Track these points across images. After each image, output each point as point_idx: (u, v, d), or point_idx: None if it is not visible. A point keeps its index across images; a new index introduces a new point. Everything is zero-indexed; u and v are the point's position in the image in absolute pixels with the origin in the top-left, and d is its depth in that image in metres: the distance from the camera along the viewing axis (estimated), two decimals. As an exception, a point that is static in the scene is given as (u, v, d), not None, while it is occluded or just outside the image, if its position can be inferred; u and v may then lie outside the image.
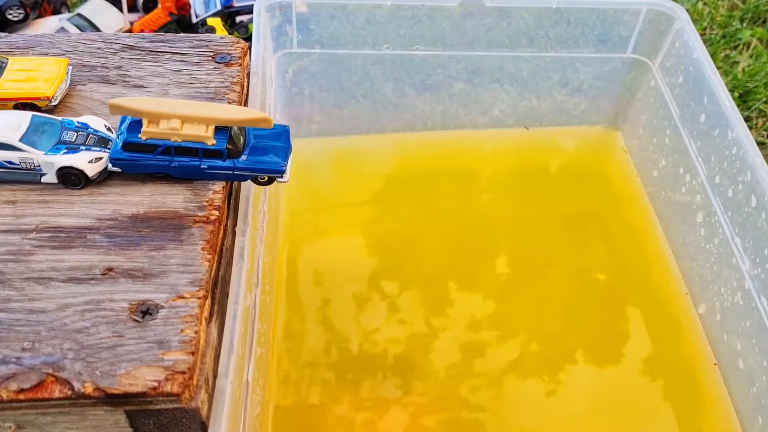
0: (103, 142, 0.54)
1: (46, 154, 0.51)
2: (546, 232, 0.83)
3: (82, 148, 0.52)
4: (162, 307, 0.46)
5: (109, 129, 0.55)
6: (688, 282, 0.79)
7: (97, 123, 0.55)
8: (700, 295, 0.77)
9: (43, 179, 0.53)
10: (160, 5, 1.13)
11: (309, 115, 0.88)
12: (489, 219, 0.84)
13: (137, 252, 0.49)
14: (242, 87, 0.63)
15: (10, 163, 0.52)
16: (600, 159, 0.93)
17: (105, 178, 0.53)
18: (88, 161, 0.52)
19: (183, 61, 0.64)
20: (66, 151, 0.52)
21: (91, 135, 0.54)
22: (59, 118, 0.54)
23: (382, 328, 0.73)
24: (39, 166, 0.52)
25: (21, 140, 0.51)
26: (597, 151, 0.94)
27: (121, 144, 0.51)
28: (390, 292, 0.76)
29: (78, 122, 0.54)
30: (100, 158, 0.53)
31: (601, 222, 0.85)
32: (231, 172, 0.52)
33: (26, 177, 0.53)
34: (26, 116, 0.53)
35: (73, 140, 0.53)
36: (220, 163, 0.52)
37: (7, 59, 0.59)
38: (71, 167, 0.52)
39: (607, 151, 0.94)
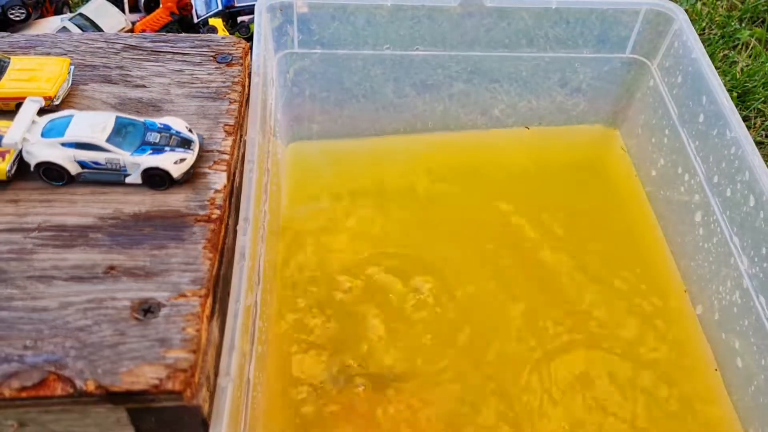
0: (185, 143, 0.54)
1: (132, 154, 0.52)
2: (545, 231, 0.83)
3: (167, 149, 0.53)
4: (164, 306, 0.46)
5: (190, 130, 0.55)
6: (687, 281, 0.79)
7: (179, 124, 0.55)
8: (698, 294, 0.77)
9: (127, 180, 0.53)
10: (161, 5, 1.13)
11: (310, 115, 0.89)
12: (489, 218, 0.84)
13: (139, 251, 0.49)
14: (243, 87, 0.63)
15: (96, 163, 0.52)
16: (599, 159, 0.94)
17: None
18: (173, 162, 0.52)
19: (184, 61, 0.64)
20: (151, 152, 0.52)
21: (173, 136, 0.54)
22: (141, 119, 0.54)
23: (384, 329, 0.73)
24: (125, 166, 0.52)
25: (107, 141, 0.52)
26: (596, 150, 0.95)
27: None
28: (391, 290, 0.76)
29: (160, 123, 0.55)
30: (184, 159, 0.53)
31: (600, 221, 0.85)
32: None
33: (110, 177, 0.53)
34: (110, 117, 0.53)
35: (156, 141, 0.53)
36: None
37: (9, 59, 0.59)
38: (157, 168, 0.52)
39: (606, 151, 0.94)
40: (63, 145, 0.52)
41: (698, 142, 0.77)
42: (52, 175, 0.53)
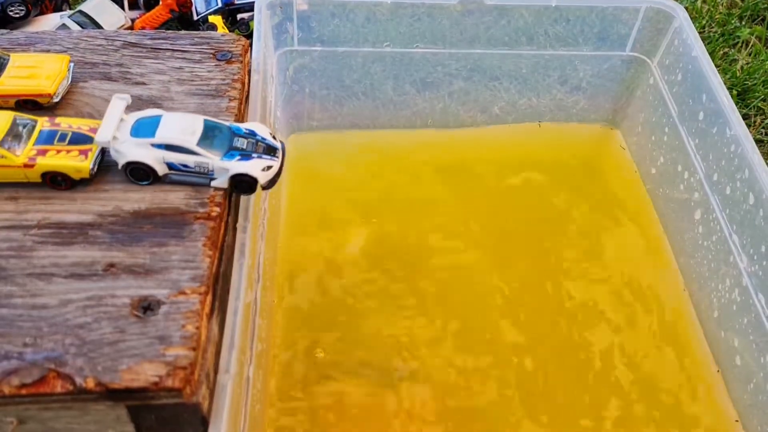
0: (270, 150, 0.53)
1: (221, 159, 0.51)
2: (544, 229, 0.83)
3: (254, 155, 0.52)
4: (163, 303, 0.46)
5: (274, 137, 0.55)
6: (686, 279, 0.79)
7: (263, 131, 0.55)
8: (698, 291, 0.77)
9: (213, 183, 0.53)
10: (161, 2, 1.13)
11: (309, 112, 0.89)
12: (489, 216, 0.84)
13: (139, 248, 0.49)
14: (243, 84, 0.63)
15: (185, 166, 0.52)
16: (599, 156, 0.94)
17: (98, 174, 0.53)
18: (261, 169, 0.52)
19: (184, 58, 0.64)
20: (240, 158, 0.52)
21: (259, 143, 0.53)
22: (227, 124, 0.54)
23: (382, 324, 0.73)
24: (212, 170, 0.52)
25: (198, 144, 0.51)
26: (596, 148, 0.95)
27: None
28: (391, 287, 0.76)
29: (246, 129, 0.54)
30: (271, 167, 0.52)
31: (600, 219, 0.85)
32: None
33: (197, 180, 0.53)
34: (198, 120, 0.53)
35: (244, 147, 0.52)
36: None
37: (9, 56, 0.59)
38: (246, 174, 0.52)
39: (606, 149, 0.94)
40: (153, 146, 0.51)
41: (698, 140, 0.77)
42: (138, 174, 0.52)
